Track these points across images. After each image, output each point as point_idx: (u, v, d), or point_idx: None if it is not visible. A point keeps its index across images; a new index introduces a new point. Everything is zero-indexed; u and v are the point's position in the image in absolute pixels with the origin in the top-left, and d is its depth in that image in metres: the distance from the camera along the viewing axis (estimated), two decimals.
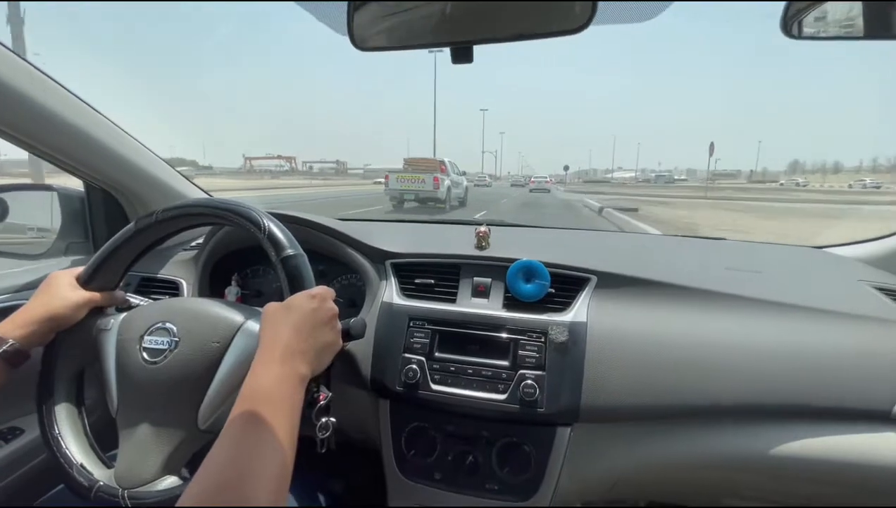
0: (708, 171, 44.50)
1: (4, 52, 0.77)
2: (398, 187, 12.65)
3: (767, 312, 0.82)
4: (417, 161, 13.87)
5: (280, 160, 64.56)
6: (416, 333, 0.87)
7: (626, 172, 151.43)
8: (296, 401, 0.53)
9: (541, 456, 0.80)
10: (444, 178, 12.81)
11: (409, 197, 12.69)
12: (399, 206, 12.91)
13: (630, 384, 0.77)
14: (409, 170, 13.11)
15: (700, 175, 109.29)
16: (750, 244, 1.31)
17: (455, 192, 13.83)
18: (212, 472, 0.44)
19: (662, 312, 0.84)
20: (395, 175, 12.94)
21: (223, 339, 0.64)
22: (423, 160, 13.87)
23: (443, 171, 12.98)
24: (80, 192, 1.16)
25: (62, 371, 0.70)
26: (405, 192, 12.64)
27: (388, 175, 13.24)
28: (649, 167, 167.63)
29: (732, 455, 0.76)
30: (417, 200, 12.71)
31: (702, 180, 60.10)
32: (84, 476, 0.62)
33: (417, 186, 12.43)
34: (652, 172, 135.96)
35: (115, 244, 0.72)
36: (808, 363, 0.75)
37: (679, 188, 43.53)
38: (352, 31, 0.61)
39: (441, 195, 12.56)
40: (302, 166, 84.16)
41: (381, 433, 0.88)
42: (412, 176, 12.62)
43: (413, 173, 12.74)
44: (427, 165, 13.13)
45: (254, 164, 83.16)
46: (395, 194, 12.85)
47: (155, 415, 0.62)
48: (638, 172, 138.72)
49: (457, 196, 14.07)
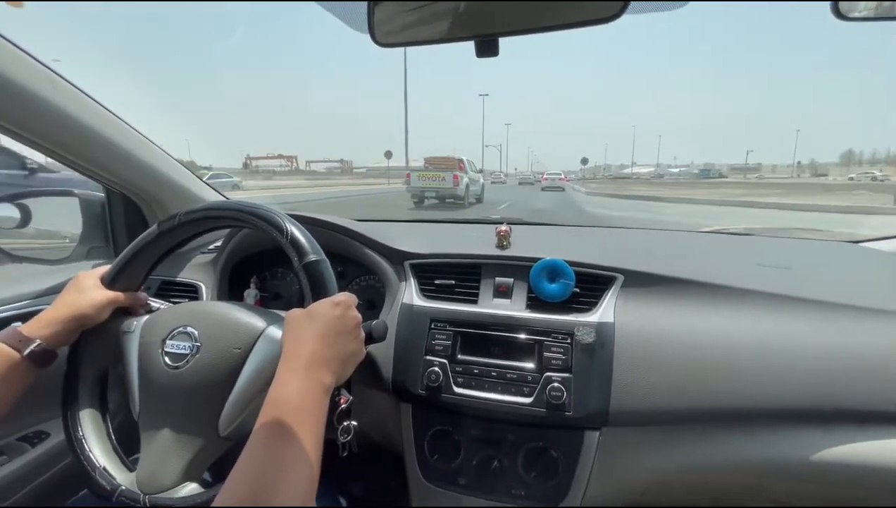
0: (794, 164, 38.12)
1: (26, 58, 0.77)
2: (420, 185, 12.91)
3: (803, 310, 0.79)
4: (437, 160, 14.23)
5: (281, 160, 63.65)
6: (438, 335, 0.85)
7: (643, 167, 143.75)
8: (321, 411, 0.52)
9: (568, 461, 0.78)
10: (463, 175, 13.14)
11: (430, 194, 12.97)
12: (420, 203, 13.18)
13: (661, 387, 0.75)
14: (429, 168, 13.48)
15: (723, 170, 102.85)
16: (780, 240, 1.27)
17: (472, 189, 14.12)
18: (240, 484, 0.44)
19: (692, 311, 0.81)
20: (416, 173, 13.25)
21: (245, 345, 0.63)
22: (442, 159, 14.16)
23: (461, 168, 13.34)
24: (100, 197, 1.17)
25: (86, 373, 0.70)
26: (426, 189, 12.89)
27: (410, 173, 13.59)
28: (664, 163, 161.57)
29: (770, 460, 0.73)
30: (438, 197, 13.00)
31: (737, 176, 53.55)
32: (106, 480, 0.62)
33: (438, 183, 12.74)
34: (671, 167, 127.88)
35: (139, 246, 0.72)
36: (849, 364, 0.72)
37: (740, 187, 29.13)
38: (372, 27, 0.60)
39: (460, 192, 12.88)
40: (305, 166, 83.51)
41: (404, 437, 0.86)
42: (433, 174, 12.94)
43: (433, 172, 13.05)
44: (446, 164, 13.49)
45: (255, 164, 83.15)
46: (416, 192, 13.09)
47: (176, 420, 0.62)
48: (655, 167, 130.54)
49: (474, 193, 14.34)
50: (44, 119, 0.83)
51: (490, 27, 0.53)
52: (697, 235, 1.38)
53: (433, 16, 0.55)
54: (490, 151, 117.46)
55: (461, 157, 14.37)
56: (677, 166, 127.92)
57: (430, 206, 13.06)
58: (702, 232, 1.41)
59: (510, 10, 0.52)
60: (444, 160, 13.95)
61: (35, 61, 0.78)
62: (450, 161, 13.80)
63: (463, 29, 0.54)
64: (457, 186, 12.65)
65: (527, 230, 1.19)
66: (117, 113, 0.96)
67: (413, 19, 0.57)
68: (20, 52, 0.76)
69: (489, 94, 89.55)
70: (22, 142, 0.85)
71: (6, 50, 0.74)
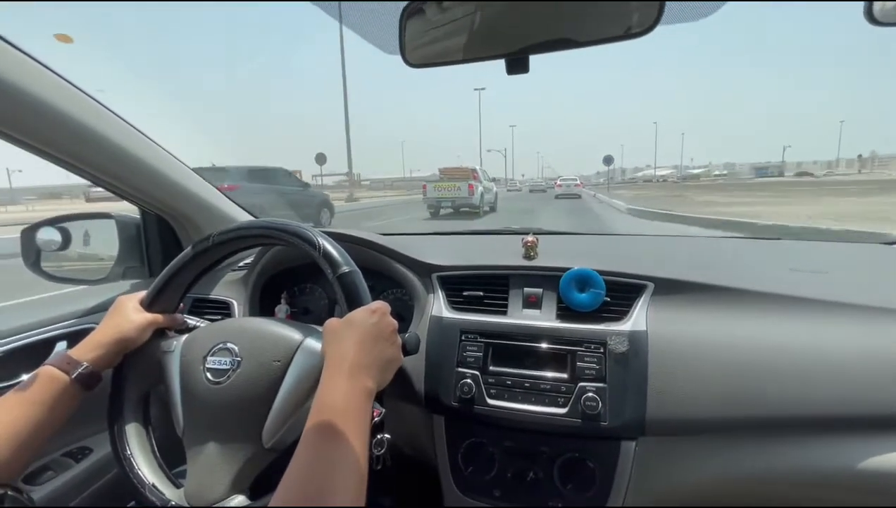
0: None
1: (72, 89, 0.81)
2: (436, 195, 13.04)
3: (841, 314, 0.77)
4: (452, 170, 14.17)
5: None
6: (469, 346, 0.86)
7: (659, 169, 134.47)
8: (366, 415, 0.54)
9: (605, 472, 0.77)
10: (478, 185, 13.24)
11: (447, 205, 13.09)
12: (435, 214, 13.32)
13: (697, 395, 0.74)
14: (444, 179, 13.46)
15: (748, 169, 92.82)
16: (811, 244, 1.24)
17: (486, 197, 14.22)
18: (294, 486, 0.45)
19: (726, 317, 0.80)
20: (431, 184, 13.28)
21: (284, 357, 0.65)
22: (457, 169, 14.19)
23: (475, 178, 13.37)
24: (135, 218, 1.21)
25: (130, 393, 0.72)
26: (442, 200, 13.02)
27: (426, 185, 13.58)
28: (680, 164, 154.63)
29: (808, 468, 0.71)
30: (453, 207, 13.09)
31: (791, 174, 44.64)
32: (156, 496, 0.64)
33: (453, 193, 12.86)
34: (689, 168, 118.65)
35: (175, 268, 0.74)
36: (891, 369, 0.70)
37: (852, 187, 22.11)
38: (403, 46, 0.61)
39: (476, 201, 12.96)
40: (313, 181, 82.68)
41: (437, 450, 0.86)
42: (448, 184, 13.02)
43: (449, 182, 13.11)
44: (461, 174, 13.53)
45: None
46: (432, 203, 13.21)
47: (221, 434, 0.63)
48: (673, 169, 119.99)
49: (488, 201, 14.45)
50: (87, 146, 0.87)
51: (520, 43, 0.54)
52: (726, 240, 1.36)
53: (463, 35, 0.56)
54: (494, 157, 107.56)
55: (474, 166, 14.46)
56: (696, 167, 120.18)
57: (444, 215, 13.16)
58: (732, 238, 1.40)
59: (541, 27, 0.53)
60: (458, 170, 13.98)
61: (81, 92, 0.83)
62: (464, 171, 13.84)
63: (494, 47, 0.55)
64: (472, 196, 12.75)
65: (553, 240, 1.20)
66: (151, 136, 1.01)
67: (443, 40, 0.58)
68: (68, 84, 0.80)
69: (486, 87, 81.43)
70: (66, 168, 0.89)
71: (55, 83, 0.78)
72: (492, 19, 0.53)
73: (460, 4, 0.54)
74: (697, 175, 69.83)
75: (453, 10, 0.55)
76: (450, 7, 0.55)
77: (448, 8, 0.55)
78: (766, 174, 61.68)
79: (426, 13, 0.57)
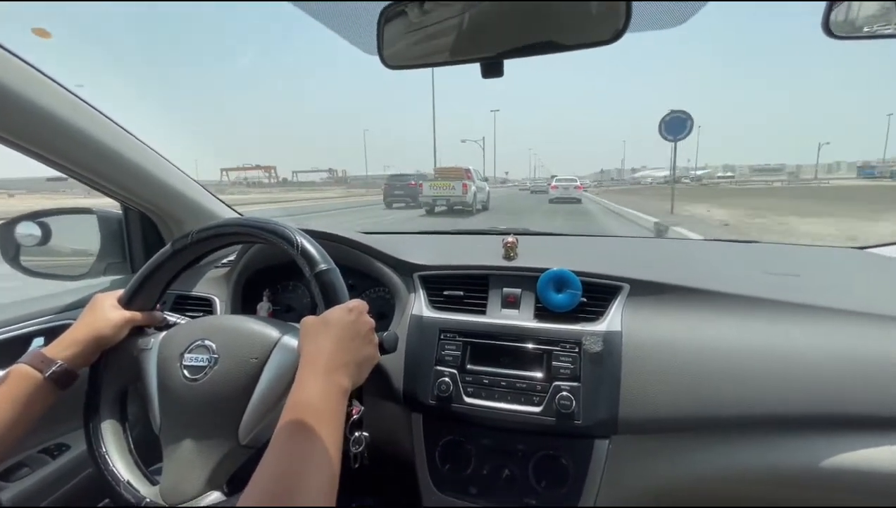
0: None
1: (50, 83, 0.80)
2: (431, 194, 13.70)
3: (811, 317, 0.79)
4: (447, 170, 15.08)
5: (259, 171, 59.63)
6: (448, 345, 0.87)
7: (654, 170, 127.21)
8: (340, 413, 0.54)
9: (579, 470, 0.78)
10: (472, 184, 13.86)
11: (441, 203, 13.68)
12: (431, 211, 13.90)
13: (669, 395, 0.75)
14: (439, 178, 14.25)
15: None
16: (788, 247, 1.27)
17: (479, 197, 14.74)
18: (263, 485, 0.45)
19: (699, 319, 0.82)
20: (427, 183, 14.07)
21: (261, 355, 0.65)
22: (451, 169, 15.00)
23: (469, 177, 14.02)
24: (117, 214, 1.20)
25: (107, 390, 0.72)
26: (438, 198, 13.64)
27: (422, 183, 14.47)
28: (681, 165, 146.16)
29: (779, 467, 0.73)
30: (448, 205, 13.72)
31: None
32: (131, 493, 0.64)
33: (448, 192, 13.55)
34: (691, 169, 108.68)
35: (154, 265, 0.74)
36: (857, 370, 0.72)
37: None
38: (381, 49, 0.62)
39: (469, 200, 13.57)
40: (292, 177, 79.64)
41: (415, 447, 0.87)
42: (443, 183, 13.72)
43: (444, 181, 13.84)
44: (455, 173, 14.28)
45: (231, 176, 78.58)
46: (427, 201, 13.84)
47: (197, 432, 0.64)
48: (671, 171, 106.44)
49: (480, 200, 14.95)
50: (66, 140, 0.86)
51: (495, 49, 0.55)
52: (703, 243, 1.38)
53: (439, 39, 0.57)
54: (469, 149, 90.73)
55: (468, 166, 15.12)
56: (699, 169, 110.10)
57: (439, 213, 13.85)
58: (708, 241, 1.42)
59: (514, 33, 0.54)
60: (452, 170, 14.65)
61: (59, 86, 0.82)
62: (458, 171, 14.45)
63: (468, 51, 0.56)
64: (465, 195, 13.39)
65: (534, 240, 1.21)
66: (132, 131, 1.00)
67: (420, 42, 0.59)
68: (45, 77, 0.80)
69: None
70: (44, 162, 0.88)
71: (32, 77, 0.78)
72: (468, 24, 0.54)
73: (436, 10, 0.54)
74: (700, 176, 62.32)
75: (430, 14, 0.56)
76: (427, 11, 0.56)
77: (425, 12, 0.55)
78: (873, 175, 46.32)
79: (404, 17, 0.58)
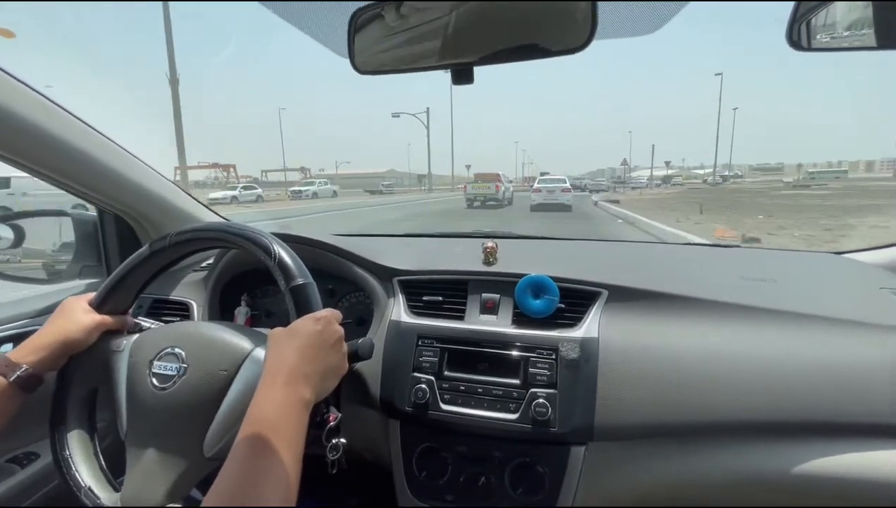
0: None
1: (18, 84, 0.79)
2: (474, 192, 19.47)
3: (785, 322, 0.80)
4: (485, 175, 20.53)
5: (217, 169, 55.15)
6: (425, 351, 0.86)
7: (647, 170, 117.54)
8: (300, 427, 0.53)
9: (555, 477, 0.78)
10: (502, 185, 19.38)
11: (480, 199, 19.34)
12: (471, 204, 19.28)
13: (645, 401, 0.75)
14: (479, 181, 19.88)
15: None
16: (765, 251, 1.28)
17: (507, 195, 20.37)
18: (217, 500, 0.45)
19: (676, 325, 0.82)
20: (471, 184, 20.00)
21: (231, 367, 0.64)
22: (487, 174, 20.54)
23: (500, 180, 19.58)
24: (93, 216, 1.18)
25: (75, 395, 0.70)
26: (478, 196, 19.35)
27: (466, 185, 20.77)
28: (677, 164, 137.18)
29: (753, 472, 0.73)
30: (484, 200, 19.30)
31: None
32: (91, 500, 0.63)
33: (486, 191, 19.20)
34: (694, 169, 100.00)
35: (129, 267, 0.73)
36: (828, 376, 0.73)
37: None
38: (352, 54, 0.62)
39: (501, 196, 19.06)
40: (262, 176, 75.17)
41: (392, 454, 0.87)
42: (482, 185, 19.38)
43: (483, 183, 19.45)
44: (491, 178, 19.74)
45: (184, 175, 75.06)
46: (470, 197, 19.57)
47: (162, 441, 0.63)
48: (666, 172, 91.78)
49: (506, 197, 20.40)
50: (37, 144, 0.84)
51: (464, 56, 0.55)
52: (684, 247, 1.39)
53: (410, 46, 0.57)
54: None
55: (499, 172, 20.69)
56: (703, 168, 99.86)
57: (478, 205, 19.17)
58: (687, 246, 1.43)
59: (484, 41, 0.54)
60: (488, 175, 20.20)
61: (28, 88, 0.80)
62: (492, 176, 19.92)
63: (438, 58, 0.56)
64: (498, 192, 18.93)
65: (514, 244, 1.21)
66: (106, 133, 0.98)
67: (391, 48, 0.59)
68: (12, 79, 0.78)
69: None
70: (15, 166, 0.86)
71: None
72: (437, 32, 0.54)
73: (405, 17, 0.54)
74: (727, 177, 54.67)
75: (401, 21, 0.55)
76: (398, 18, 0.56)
77: (395, 19, 0.55)
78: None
79: (375, 23, 0.58)
